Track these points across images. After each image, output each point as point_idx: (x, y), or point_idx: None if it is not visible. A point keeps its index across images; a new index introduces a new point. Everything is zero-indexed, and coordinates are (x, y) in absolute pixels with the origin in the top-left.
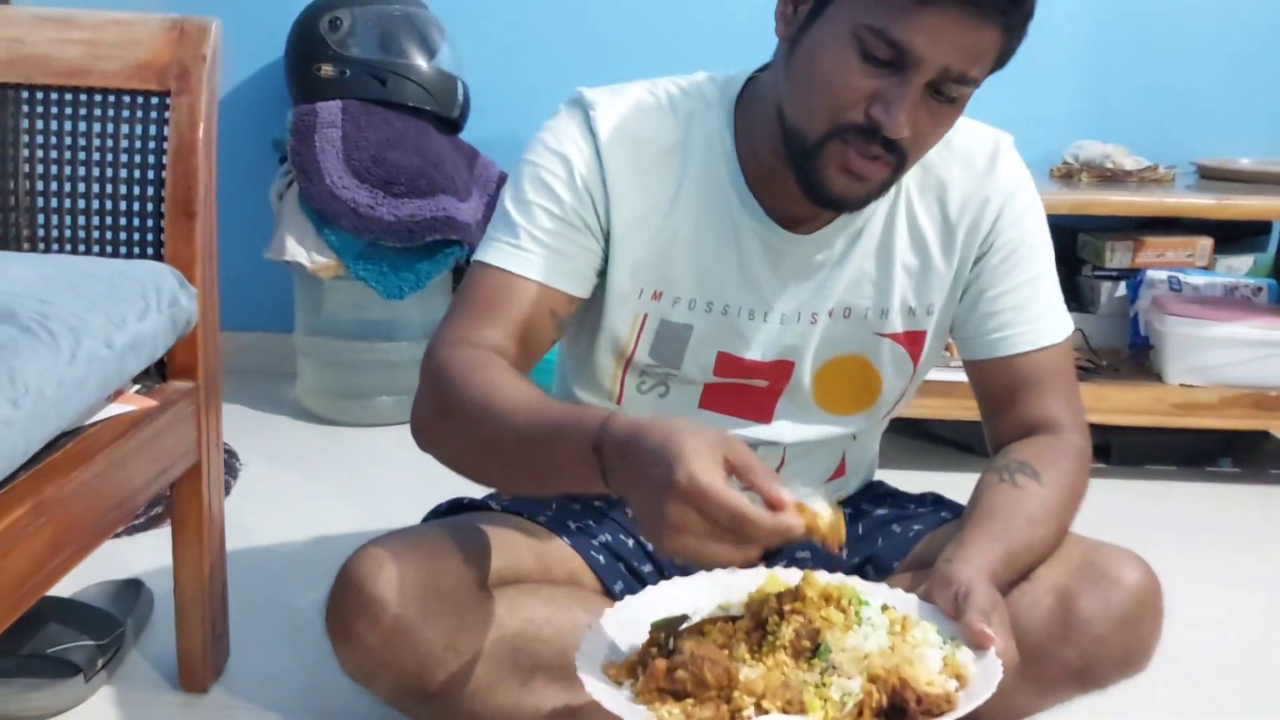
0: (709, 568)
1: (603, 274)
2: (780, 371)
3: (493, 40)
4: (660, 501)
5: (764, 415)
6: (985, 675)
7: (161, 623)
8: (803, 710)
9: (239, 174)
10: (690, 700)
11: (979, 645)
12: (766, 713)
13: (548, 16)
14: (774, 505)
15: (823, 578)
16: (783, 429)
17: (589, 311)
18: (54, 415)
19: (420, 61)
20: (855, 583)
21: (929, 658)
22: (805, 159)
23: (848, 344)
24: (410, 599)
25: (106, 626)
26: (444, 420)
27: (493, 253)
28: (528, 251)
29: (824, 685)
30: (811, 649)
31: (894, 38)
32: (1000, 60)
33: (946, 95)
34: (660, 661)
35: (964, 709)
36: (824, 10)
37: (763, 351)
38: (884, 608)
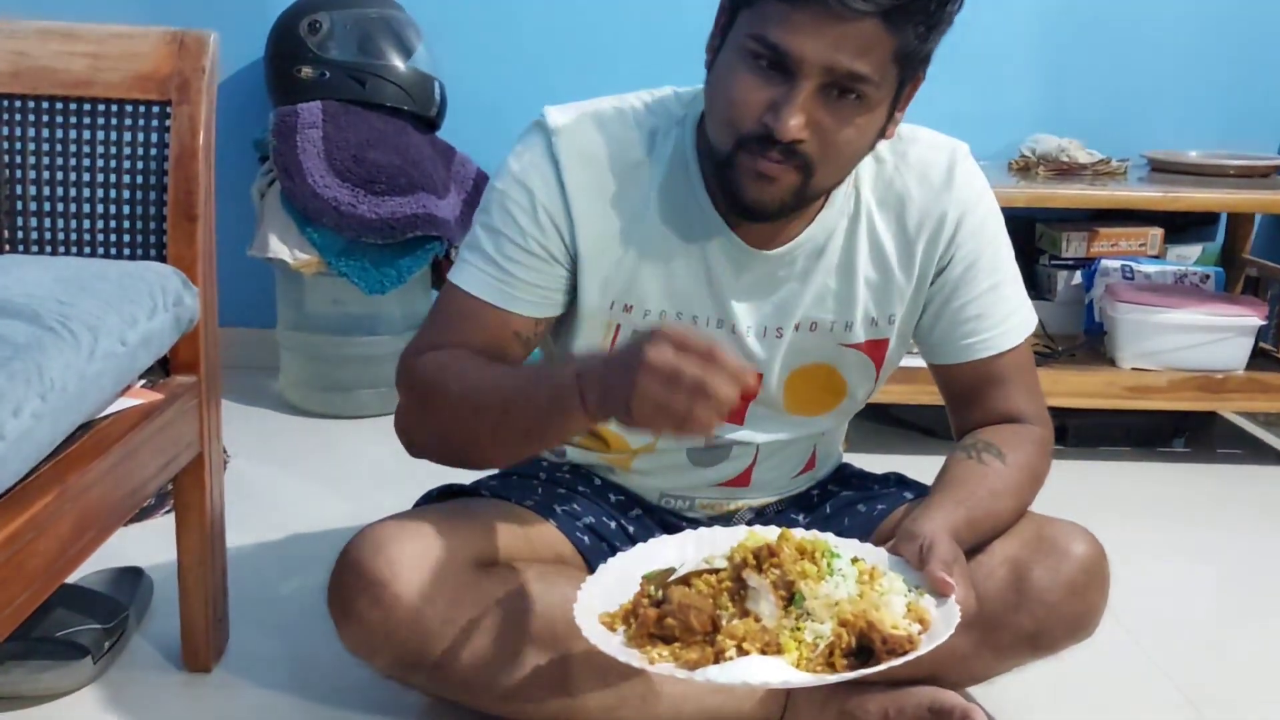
0: (675, 427)
1: (574, 290)
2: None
3: (467, 41)
4: (639, 353)
5: (736, 418)
6: (945, 619)
7: (161, 608)
8: (779, 651)
9: (220, 173)
10: (678, 644)
11: (940, 592)
12: (747, 654)
13: (521, 17)
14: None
15: (798, 534)
16: (755, 432)
17: (565, 321)
18: (75, 408)
19: (398, 63)
20: (828, 538)
21: (894, 604)
22: (722, 170)
23: (813, 354)
24: (408, 578)
25: (111, 611)
26: (429, 411)
27: (463, 275)
28: (492, 279)
29: (798, 629)
30: (787, 598)
31: (772, 41)
32: (905, 57)
33: (846, 93)
34: (650, 610)
35: (925, 648)
36: (727, 35)
37: None
38: (854, 560)
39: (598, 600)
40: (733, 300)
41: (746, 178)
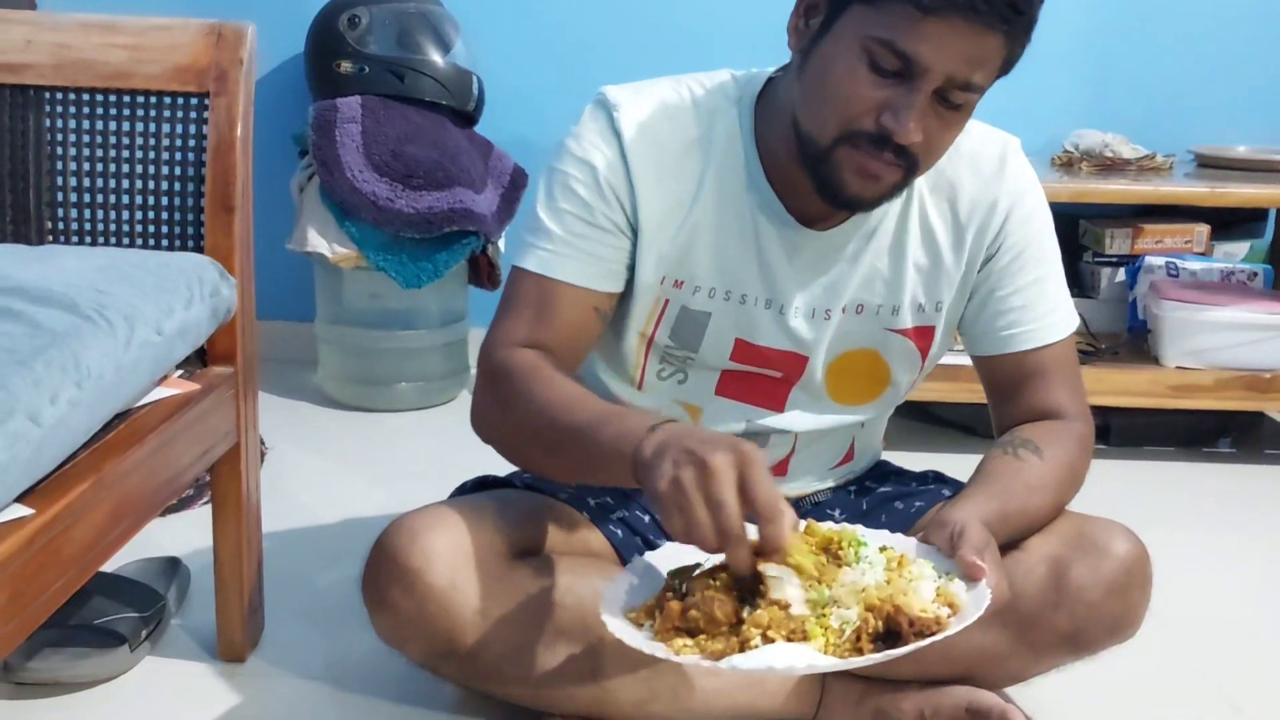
0: (680, 530)
1: (632, 265)
2: (794, 364)
3: (505, 36)
4: (705, 443)
5: (777, 404)
6: (975, 602)
7: (198, 597)
8: (805, 638)
9: (259, 167)
10: (703, 636)
11: (971, 577)
12: (773, 641)
13: (559, 12)
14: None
15: (825, 526)
16: (795, 418)
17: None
18: (112, 397)
19: (436, 57)
20: (857, 528)
21: (923, 589)
22: (818, 163)
23: (859, 339)
24: (441, 568)
25: (148, 600)
26: (505, 415)
27: (533, 259)
28: (565, 256)
29: (824, 616)
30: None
31: (901, 48)
32: (1005, 66)
33: (953, 102)
34: (675, 603)
35: (954, 629)
36: (834, 24)
37: (778, 341)
38: (882, 549)
39: (624, 598)
40: (783, 281)
41: (848, 172)
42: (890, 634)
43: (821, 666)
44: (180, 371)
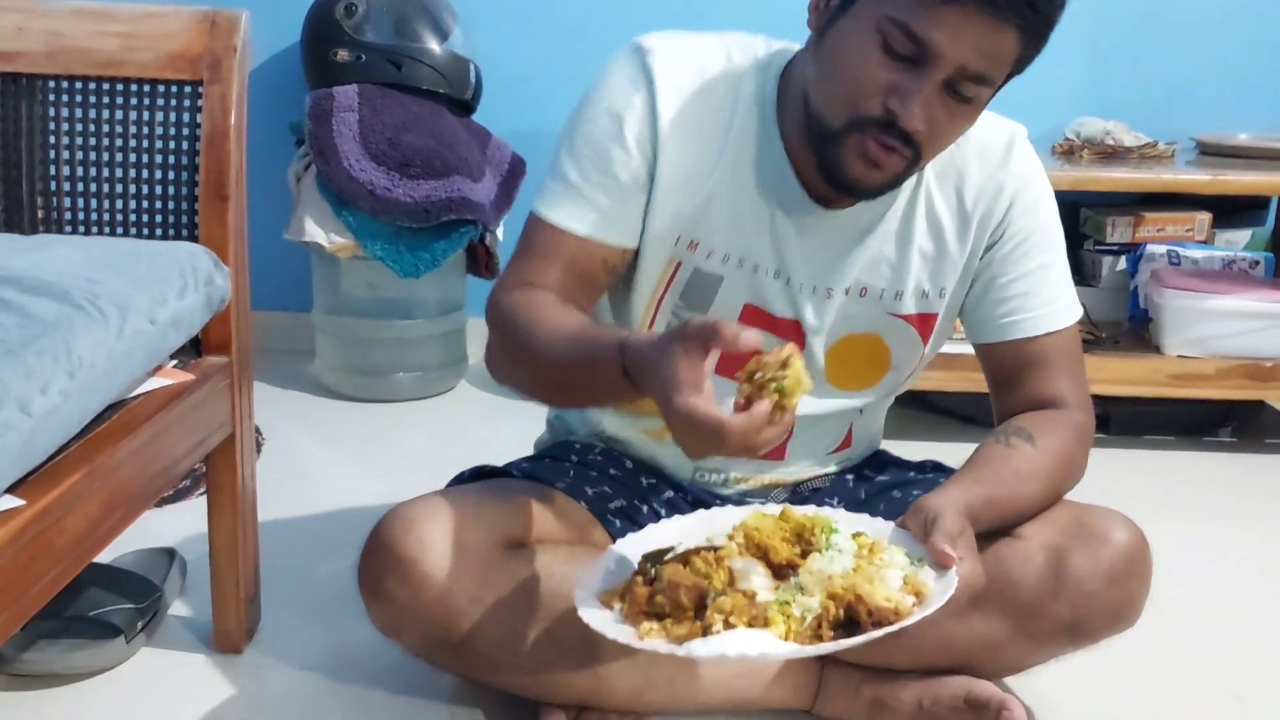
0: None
1: (645, 219)
2: (800, 336)
3: (503, 24)
4: (668, 420)
5: None
6: (942, 590)
7: (194, 589)
8: (766, 625)
9: (256, 156)
10: (669, 620)
11: (941, 564)
12: (734, 627)
13: (557, 1)
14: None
15: (799, 511)
16: None
17: None
18: (104, 387)
19: (433, 45)
20: (833, 513)
21: (890, 577)
22: (825, 144)
23: (861, 322)
24: (437, 557)
25: (144, 591)
26: (508, 356)
27: (549, 206)
28: (581, 208)
29: (788, 603)
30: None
31: (915, 32)
32: (1018, 66)
33: (963, 95)
34: (642, 588)
35: (913, 619)
36: (853, 4)
37: (786, 311)
38: (856, 535)
39: (598, 581)
40: (790, 254)
41: (852, 157)
42: (851, 622)
43: (774, 654)
44: (174, 361)
